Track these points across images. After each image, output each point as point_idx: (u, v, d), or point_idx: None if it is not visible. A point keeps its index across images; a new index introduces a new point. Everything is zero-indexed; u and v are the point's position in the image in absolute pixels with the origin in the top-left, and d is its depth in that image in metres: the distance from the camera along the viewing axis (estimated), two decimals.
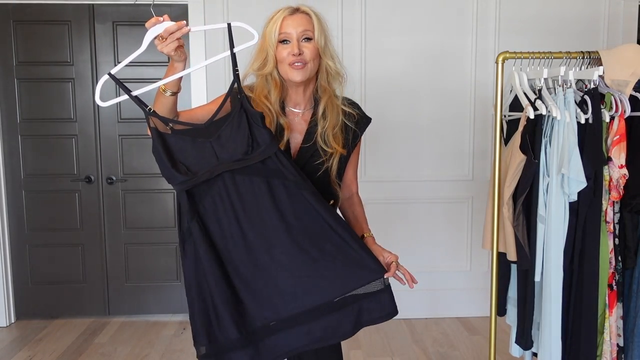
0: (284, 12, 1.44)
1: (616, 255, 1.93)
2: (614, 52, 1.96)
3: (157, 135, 1.29)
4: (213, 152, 1.31)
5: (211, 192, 1.32)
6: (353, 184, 1.66)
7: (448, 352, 3.01)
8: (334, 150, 1.50)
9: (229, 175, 1.31)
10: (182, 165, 1.30)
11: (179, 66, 1.31)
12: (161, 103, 1.34)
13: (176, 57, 1.29)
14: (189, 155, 1.31)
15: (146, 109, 1.30)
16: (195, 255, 1.33)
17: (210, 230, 1.33)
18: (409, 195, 3.45)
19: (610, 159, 1.86)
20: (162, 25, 1.24)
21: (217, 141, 1.31)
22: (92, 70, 3.38)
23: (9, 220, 3.46)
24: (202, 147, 1.31)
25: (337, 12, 3.28)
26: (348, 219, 1.64)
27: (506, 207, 2.00)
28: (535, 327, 2.03)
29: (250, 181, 1.32)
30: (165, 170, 1.29)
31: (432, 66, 3.38)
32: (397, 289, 1.48)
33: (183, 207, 1.32)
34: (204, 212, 1.33)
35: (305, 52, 1.43)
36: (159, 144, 1.29)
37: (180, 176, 1.28)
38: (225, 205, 1.32)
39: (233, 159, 1.31)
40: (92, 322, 3.49)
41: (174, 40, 1.25)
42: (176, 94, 1.34)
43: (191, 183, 1.30)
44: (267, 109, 1.47)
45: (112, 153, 3.45)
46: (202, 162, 1.31)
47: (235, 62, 1.34)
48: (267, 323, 1.36)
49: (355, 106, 1.59)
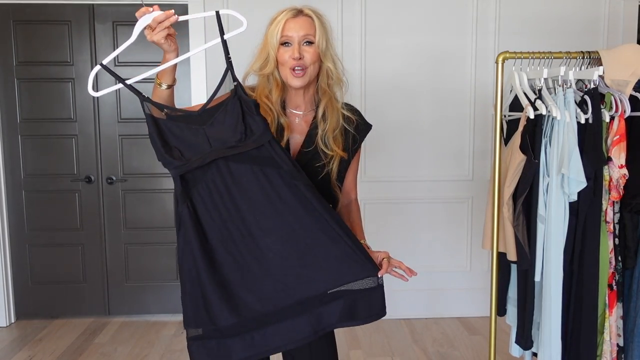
0: (287, 14, 1.44)
1: (616, 255, 1.93)
2: (614, 52, 1.95)
3: (151, 120, 1.30)
4: (206, 138, 1.32)
5: (205, 178, 1.32)
6: (352, 190, 1.65)
7: (448, 352, 3.01)
8: (335, 153, 1.50)
9: (223, 162, 1.32)
10: (176, 150, 1.31)
11: (170, 57, 1.32)
12: (158, 97, 1.35)
13: (166, 47, 1.29)
14: (183, 140, 1.32)
15: (141, 95, 1.31)
16: (186, 239, 1.33)
17: (202, 216, 1.33)
18: (408, 195, 3.45)
19: (610, 159, 1.86)
20: (151, 15, 1.25)
21: (211, 128, 1.32)
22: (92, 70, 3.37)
23: (9, 220, 3.46)
24: (195, 133, 1.32)
25: (337, 12, 3.28)
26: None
27: (506, 207, 2.00)
28: (535, 327, 2.02)
29: (245, 169, 1.32)
30: (160, 155, 1.30)
31: (432, 66, 3.38)
32: (396, 288, 1.48)
33: (177, 191, 1.33)
34: (198, 198, 1.33)
35: (306, 56, 1.43)
36: (154, 129, 1.30)
37: (175, 161, 1.30)
38: (220, 191, 1.32)
39: (226, 146, 1.32)
40: (92, 322, 3.49)
41: (163, 29, 1.26)
42: (172, 87, 1.35)
43: (184, 168, 1.30)
44: (268, 109, 1.47)
45: (112, 153, 3.45)
46: (195, 148, 1.32)
47: (227, 49, 1.34)
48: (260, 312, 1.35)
49: (355, 112, 1.58)
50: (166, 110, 1.33)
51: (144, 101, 1.30)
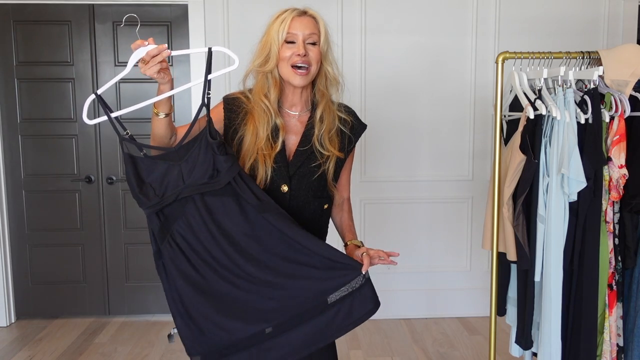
0: (292, 13, 1.45)
1: (616, 255, 1.93)
2: (614, 52, 1.96)
3: (129, 159, 1.35)
4: (181, 175, 1.36)
5: (184, 214, 1.37)
6: (345, 190, 1.67)
7: (448, 352, 3.01)
8: (331, 153, 1.51)
9: (198, 197, 1.36)
10: (150, 187, 1.35)
11: (165, 88, 1.35)
12: (156, 125, 1.39)
13: (160, 80, 1.33)
14: (158, 177, 1.36)
15: (122, 134, 1.36)
16: (169, 276, 1.39)
17: (185, 251, 1.38)
18: (409, 195, 3.45)
19: (610, 159, 1.87)
20: (145, 48, 1.28)
21: (185, 165, 1.36)
22: (92, 70, 3.38)
23: (9, 220, 3.46)
24: (171, 170, 1.36)
25: (337, 12, 3.28)
26: (336, 226, 1.67)
27: (506, 207, 2.00)
28: (535, 327, 2.03)
29: (221, 201, 1.37)
30: (134, 194, 1.36)
31: (432, 66, 3.38)
32: (397, 288, 1.48)
33: (154, 229, 1.38)
34: (178, 234, 1.37)
35: (310, 54, 1.44)
36: (130, 168, 1.35)
37: (147, 200, 1.35)
38: (199, 225, 1.37)
39: (199, 182, 1.36)
40: (92, 322, 3.49)
41: (156, 64, 1.29)
42: (169, 115, 1.39)
43: (158, 206, 1.36)
44: (264, 108, 1.47)
45: (112, 153, 3.45)
46: (169, 185, 1.36)
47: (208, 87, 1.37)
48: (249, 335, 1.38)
49: (351, 113, 1.60)
50: (144, 151, 1.37)
51: (123, 141, 1.35)
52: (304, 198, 1.50)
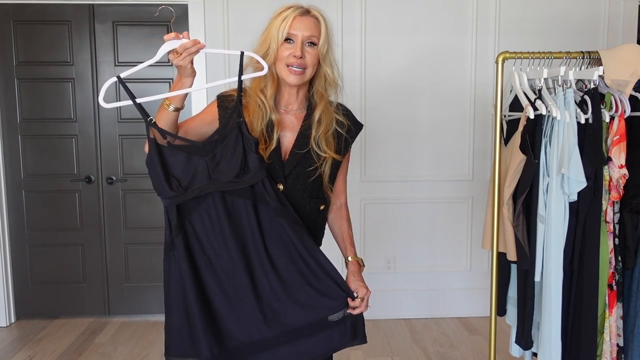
0: (295, 11, 1.42)
1: (616, 255, 1.93)
2: (614, 52, 1.95)
3: (154, 146, 1.30)
4: (206, 170, 1.33)
5: (199, 209, 1.35)
6: (342, 193, 1.65)
7: (448, 352, 3.01)
8: (327, 155, 1.50)
9: (219, 194, 1.34)
10: (175, 179, 1.32)
11: (187, 82, 1.34)
12: (163, 118, 1.35)
13: (189, 72, 1.32)
14: (182, 170, 1.32)
15: (147, 119, 1.30)
16: (177, 270, 1.35)
17: (194, 247, 1.36)
18: (409, 195, 3.45)
19: (610, 159, 1.86)
20: (180, 41, 1.27)
21: (212, 160, 1.34)
22: (92, 70, 3.38)
23: (9, 220, 3.46)
24: (196, 164, 1.33)
25: (337, 12, 3.28)
26: (335, 234, 1.65)
27: (506, 207, 2.00)
28: (535, 327, 2.02)
29: (239, 202, 1.35)
30: (157, 183, 1.31)
31: (432, 66, 3.38)
32: (397, 288, 1.49)
33: (172, 220, 1.34)
34: (190, 228, 1.35)
35: (307, 57, 1.43)
36: (156, 155, 1.30)
37: (171, 191, 1.30)
38: (213, 222, 1.35)
39: (225, 180, 1.33)
40: (92, 322, 3.49)
41: (189, 55, 1.29)
42: (179, 110, 1.36)
43: (181, 199, 1.32)
44: (260, 103, 1.46)
45: (112, 153, 3.45)
46: (194, 179, 1.33)
47: (241, 88, 1.36)
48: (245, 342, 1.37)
49: (348, 115, 1.58)
50: (169, 139, 1.33)
51: (149, 125, 1.31)
52: (299, 198, 1.49)
